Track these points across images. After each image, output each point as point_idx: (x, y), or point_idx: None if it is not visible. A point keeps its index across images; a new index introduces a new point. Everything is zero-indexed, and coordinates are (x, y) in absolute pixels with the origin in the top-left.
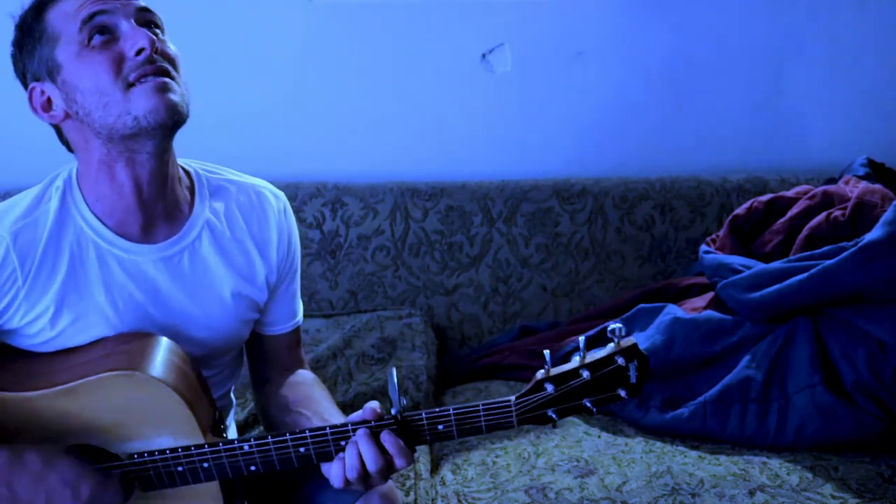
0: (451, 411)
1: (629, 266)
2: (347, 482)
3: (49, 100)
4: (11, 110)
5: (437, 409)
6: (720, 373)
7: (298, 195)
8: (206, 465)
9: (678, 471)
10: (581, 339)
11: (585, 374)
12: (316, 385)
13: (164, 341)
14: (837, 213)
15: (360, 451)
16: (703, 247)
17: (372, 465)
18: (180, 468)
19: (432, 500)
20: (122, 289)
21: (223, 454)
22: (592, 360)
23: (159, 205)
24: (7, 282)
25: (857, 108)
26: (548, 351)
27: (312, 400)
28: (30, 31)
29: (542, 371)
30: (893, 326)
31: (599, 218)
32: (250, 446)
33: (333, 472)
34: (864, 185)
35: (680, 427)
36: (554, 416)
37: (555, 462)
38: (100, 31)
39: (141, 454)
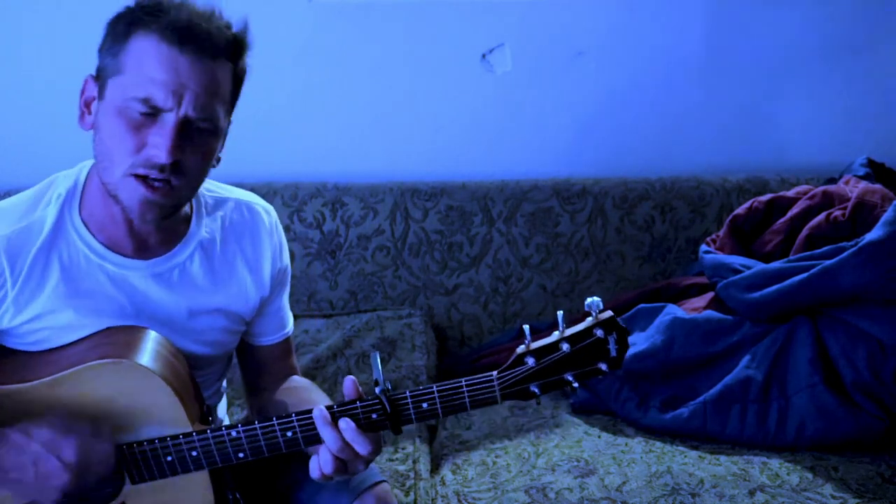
0: (435, 389)
1: (629, 266)
2: (326, 477)
3: (91, 102)
4: (11, 110)
5: (420, 388)
6: (720, 373)
7: (298, 195)
8: (194, 453)
9: (678, 471)
10: (560, 313)
11: (565, 346)
12: (314, 389)
13: (153, 334)
14: (837, 213)
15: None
16: (703, 247)
17: (333, 447)
18: (169, 458)
19: (432, 500)
20: (111, 300)
21: (211, 441)
22: (572, 332)
23: (153, 233)
24: None
25: (857, 108)
26: (527, 326)
27: (312, 403)
28: (112, 41)
29: (523, 346)
30: (893, 326)
31: (599, 218)
32: (238, 432)
33: (311, 464)
34: (864, 185)
35: (680, 427)
36: (537, 390)
37: (555, 462)
38: (144, 104)
39: (130, 445)
